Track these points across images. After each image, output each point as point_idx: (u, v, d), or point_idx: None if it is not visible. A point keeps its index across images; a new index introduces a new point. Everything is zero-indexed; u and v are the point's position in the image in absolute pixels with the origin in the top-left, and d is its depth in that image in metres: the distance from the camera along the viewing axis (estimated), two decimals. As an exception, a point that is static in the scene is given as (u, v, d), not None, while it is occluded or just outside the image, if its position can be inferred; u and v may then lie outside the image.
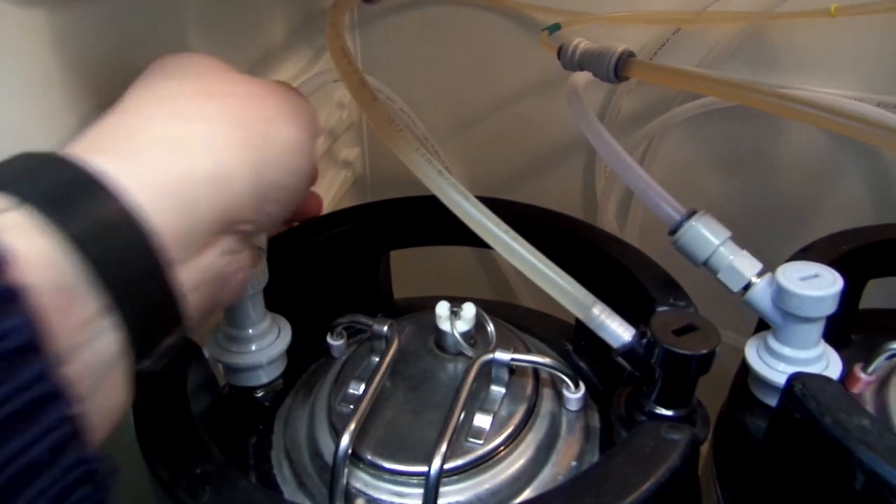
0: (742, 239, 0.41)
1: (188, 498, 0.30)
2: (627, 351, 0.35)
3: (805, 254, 0.44)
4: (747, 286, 0.39)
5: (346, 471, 0.34)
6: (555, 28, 0.65)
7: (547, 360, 0.39)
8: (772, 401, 0.40)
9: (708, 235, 0.40)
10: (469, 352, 0.40)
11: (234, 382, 0.43)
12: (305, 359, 0.47)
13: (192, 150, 0.26)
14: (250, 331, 0.42)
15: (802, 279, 0.37)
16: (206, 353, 0.41)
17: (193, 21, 0.48)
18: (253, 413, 0.43)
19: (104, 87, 0.40)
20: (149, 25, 0.44)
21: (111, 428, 0.25)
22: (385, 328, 0.41)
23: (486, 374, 0.39)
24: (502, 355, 0.38)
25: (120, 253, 0.22)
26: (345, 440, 0.33)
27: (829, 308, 0.36)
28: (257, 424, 0.42)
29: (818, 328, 0.38)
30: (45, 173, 0.23)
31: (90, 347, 0.22)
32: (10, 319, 0.18)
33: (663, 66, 0.59)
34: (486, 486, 0.35)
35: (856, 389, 0.40)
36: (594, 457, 0.39)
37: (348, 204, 0.54)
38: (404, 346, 0.42)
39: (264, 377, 0.43)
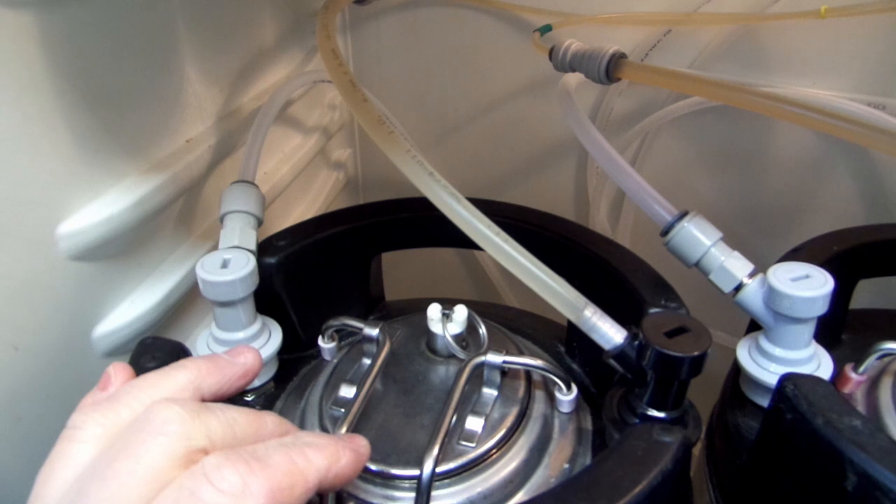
0: (733, 239, 0.41)
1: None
2: (619, 353, 0.34)
3: (796, 254, 0.44)
4: (739, 287, 0.39)
5: (337, 475, 0.34)
6: (546, 29, 0.65)
7: (539, 363, 0.39)
8: (764, 401, 0.40)
9: (699, 236, 0.40)
10: (461, 354, 0.40)
11: (224, 386, 0.43)
12: (296, 362, 0.46)
13: None
14: (240, 334, 0.41)
15: (793, 280, 0.37)
16: (197, 357, 0.41)
17: (183, 23, 0.48)
18: (244, 417, 0.42)
19: (94, 87, 0.40)
20: (139, 27, 0.43)
21: None
22: (376, 331, 0.40)
23: (478, 376, 0.39)
24: (494, 358, 0.38)
25: None
26: (336, 444, 0.33)
27: (821, 309, 0.36)
28: (248, 428, 0.42)
29: (809, 329, 0.38)
30: None
31: None
32: None
33: (654, 67, 0.59)
34: (479, 489, 0.35)
35: (847, 389, 0.40)
36: (587, 459, 0.39)
37: (340, 205, 0.54)
38: (396, 348, 0.42)
39: (255, 380, 0.43)
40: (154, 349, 0.37)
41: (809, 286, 0.36)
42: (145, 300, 0.45)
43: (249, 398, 0.43)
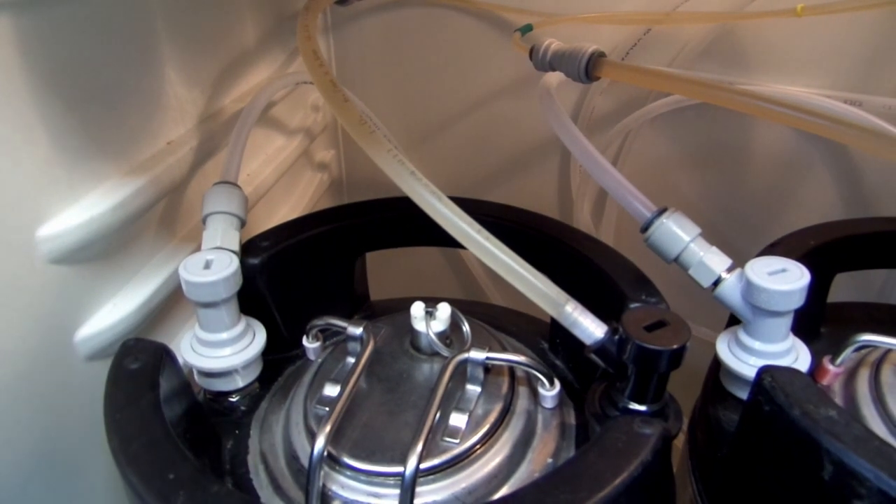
0: (714, 235, 0.42)
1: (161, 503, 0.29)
2: (600, 347, 0.35)
3: (773, 249, 0.45)
4: (717, 282, 0.40)
5: (321, 473, 0.34)
6: (527, 29, 0.65)
7: (522, 359, 0.39)
8: (743, 394, 0.40)
9: (678, 232, 0.41)
10: (444, 352, 0.41)
11: (208, 388, 0.43)
12: (281, 362, 0.46)
13: None
14: (224, 335, 0.41)
15: (770, 274, 0.37)
16: (180, 359, 0.41)
17: (163, 24, 0.48)
18: (229, 418, 0.42)
19: (73, 90, 0.40)
20: (118, 30, 0.43)
21: None
22: (360, 330, 0.41)
23: (462, 373, 0.39)
24: (477, 354, 0.38)
25: None
26: (319, 442, 0.33)
27: (797, 302, 0.37)
28: (233, 429, 0.42)
29: (787, 322, 0.38)
30: None
31: None
32: None
33: (633, 66, 0.59)
34: (463, 484, 0.35)
35: (825, 381, 0.41)
36: (570, 453, 0.39)
37: (325, 206, 0.54)
38: (380, 347, 0.42)
39: (240, 381, 0.43)
40: (137, 351, 0.37)
41: (786, 280, 0.37)
42: (128, 303, 0.45)
43: (234, 399, 0.43)
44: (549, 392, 0.40)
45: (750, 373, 0.38)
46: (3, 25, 0.34)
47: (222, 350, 0.42)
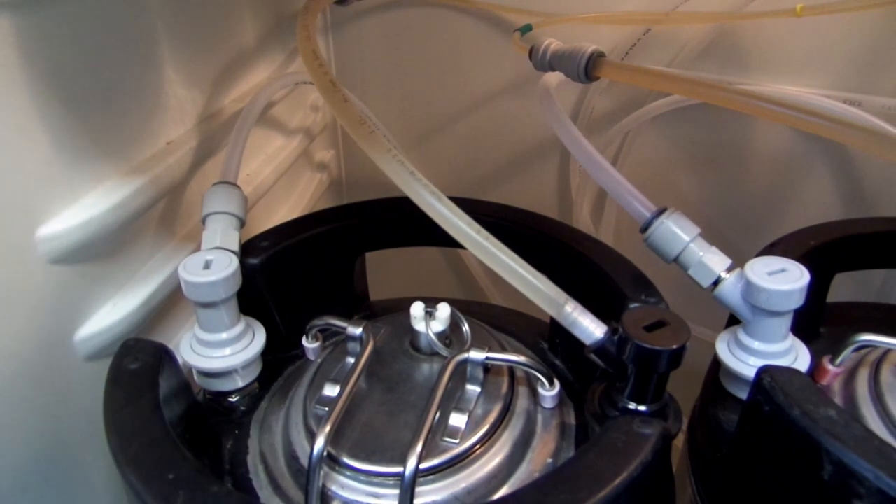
0: (714, 236, 0.42)
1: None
2: (599, 347, 0.35)
3: (773, 249, 0.45)
4: (717, 282, 0.40)
5: (321, 473, 0.34)
6: (526, 29, 0.65)
7: (521, 359, 0.39)
8: (743, 394, 0.40)
9: (678, 232, 0.41)
10: (444, 352, 0.41)
11: (208, 388, 0.43)
12: (281, 362, 0.46)
13: None
14: (224, 335, 0.41)
15: (770, 274, 0.37)
16: (180, 359, 0.41)
17: (163, 24, 0.48)
18: (228, 418, 0.42)
19: (73, 90, 0.40)
20: (117, 29, 0.43)
21: None
22: (360, 330, 0.41)
23: (462, 373, 0.39)
24: (477, 354, 0.38)
25: None
26: (319, 442, 0.33)
27: (797, 302, 0.37)
28: (233, 429, 0.42)
29: (786, 322, 0.38)
30: None
31: None
32: None
33: (633, 66, 0.60)
34: (463, 485, 0.35)
35: (825, 381, 0.41)
36: (570, 454, 0.39)
37: (324, 206, 0.54)
38: (380, 347, 0.42)
39: (240, 381, 0.43)
40: (136, 351, 0.37)
41: (785, 280, 0.37)
42: (128, 303, 0.45)
43: (234, 399, 0.43)
44: (549, 392, 0.40)
45: (749, 373, 0.38)
46: (3, 25, 0.34)
47: (222, 350, 0.42)
